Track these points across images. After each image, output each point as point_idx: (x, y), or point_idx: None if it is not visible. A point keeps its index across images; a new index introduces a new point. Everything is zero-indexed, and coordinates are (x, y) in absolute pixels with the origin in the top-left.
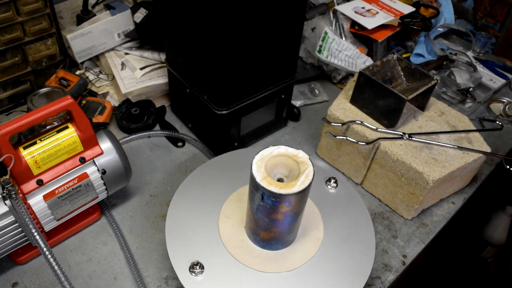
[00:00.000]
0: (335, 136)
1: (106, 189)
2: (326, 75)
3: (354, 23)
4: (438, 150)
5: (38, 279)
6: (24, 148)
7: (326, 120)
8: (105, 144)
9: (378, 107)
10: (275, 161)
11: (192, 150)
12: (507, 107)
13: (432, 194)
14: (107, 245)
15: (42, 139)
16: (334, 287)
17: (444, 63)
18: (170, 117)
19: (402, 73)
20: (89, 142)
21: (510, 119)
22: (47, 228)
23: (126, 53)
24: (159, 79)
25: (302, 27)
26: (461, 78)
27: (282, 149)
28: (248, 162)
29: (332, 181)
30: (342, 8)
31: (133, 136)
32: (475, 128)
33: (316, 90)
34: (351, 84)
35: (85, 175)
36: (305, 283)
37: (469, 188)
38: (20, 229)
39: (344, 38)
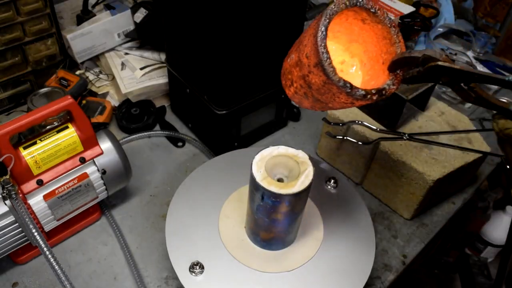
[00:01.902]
0: (335, 136)
1: (106, 189)
2: None
3: None
4: (438, 150)
5: (38, 279)
6: (24, 148)
7: (326, 120)
8: (105, 144)
9: (378, 107)
10: (275, 161)
11: (192, 150)
12: None
13: (432, 194)
14: (107, 245)
15: (42, 139)
16: (334, 287)
17: None
18: (170, 117)
19: None
20: (89, 142)
21: None
22: (47, 228)
23: (126, 53)
24: (159, 79)
25: (302, 27)
26: None
27: (282, 149)
28: (248, 162)
29: (332, 181)
30: None
31: (133, 136)
32: (475, 128)
33: None
34: None
35: (85, 175)
36: (305, 283)
37: (469, 188)
38: (20, 229)
39: None
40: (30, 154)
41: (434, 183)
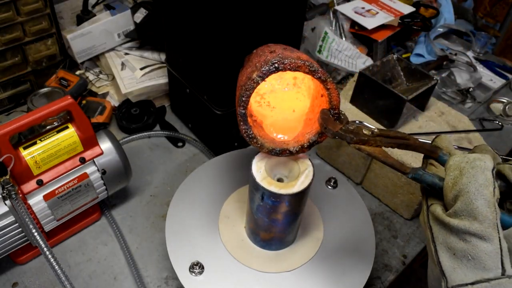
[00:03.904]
0: (336, 137)
1: (106, 189)
2: None
3: (354, 23)
4: None
5: (38, 279)
6: (24, 148)
7: None
8: (105, 144)
9: (378, 107)
10: (275, 161)
11: (192, 150)
12: (507, 107)
13: None
14: (107, 245)
15: (42, 139)
16: (334, 287)
17: (444, 63)
18: (170, 117)
19: (402, 73)
20: (89, 142)
21: (510, 119)
22: (47, 228)
23: (126, 53)
24: (159, 79)
25: (302, 27)
26: (461, 78)
27: None
28: (248, 162)
29: (332, 181)
30: (342, 8)
31: (133, 136)
32: (475, 128)
33: None
34: (351, 84)
35: (85, 175)
36: (305, 283)
37: None
38: (20, 229)
39: (344, 38)
40: (30, 154)
41: None
